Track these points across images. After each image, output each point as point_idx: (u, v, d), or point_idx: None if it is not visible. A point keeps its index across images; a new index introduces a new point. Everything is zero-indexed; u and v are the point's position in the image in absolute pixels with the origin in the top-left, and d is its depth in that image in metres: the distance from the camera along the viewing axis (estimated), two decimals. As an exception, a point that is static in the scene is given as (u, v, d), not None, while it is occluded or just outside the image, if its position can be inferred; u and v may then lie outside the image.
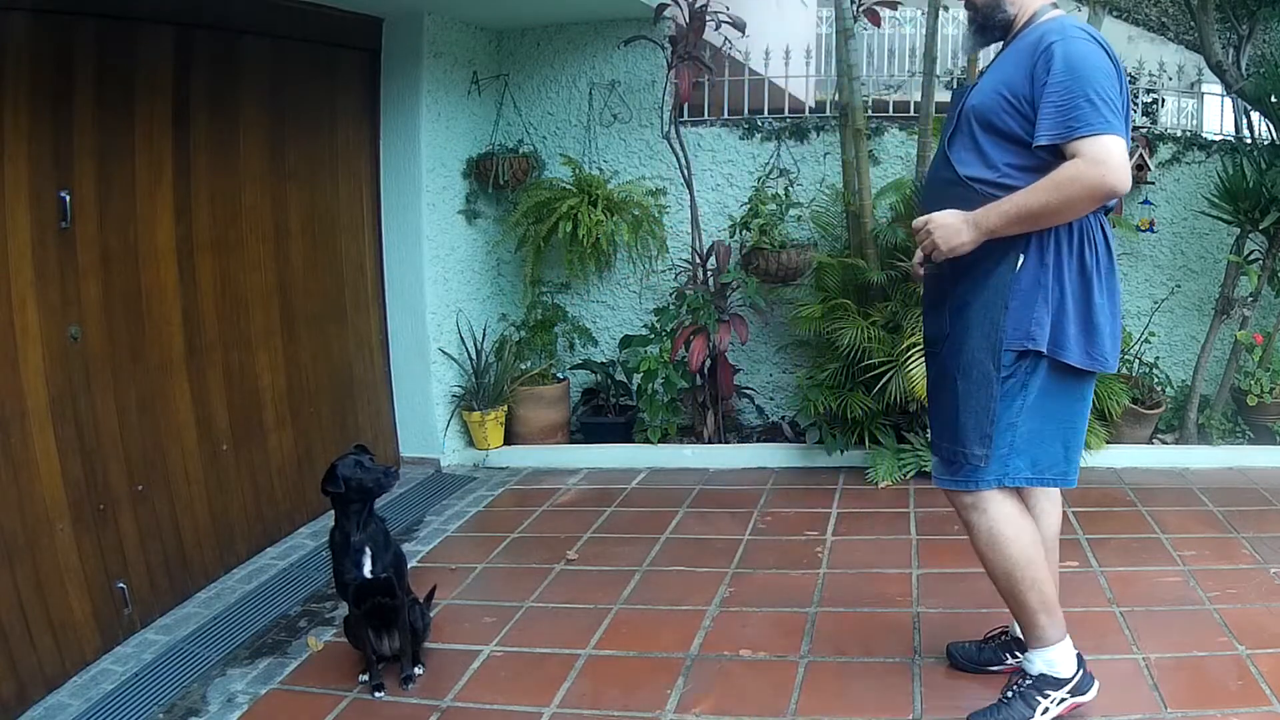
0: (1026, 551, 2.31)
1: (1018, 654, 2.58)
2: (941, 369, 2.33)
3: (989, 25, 2.31)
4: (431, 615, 3.00)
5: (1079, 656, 2.40)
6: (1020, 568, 2.30)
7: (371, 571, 2.65)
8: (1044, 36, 2.13)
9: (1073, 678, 2.38)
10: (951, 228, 2.19)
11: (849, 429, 4.41)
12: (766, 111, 5.17)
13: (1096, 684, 2.43)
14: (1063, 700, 2.37)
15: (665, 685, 2.66)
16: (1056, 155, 2.10)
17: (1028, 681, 2.39)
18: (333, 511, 2.74)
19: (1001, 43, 2.33)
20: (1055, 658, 2.37)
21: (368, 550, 2.66)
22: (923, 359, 3.94)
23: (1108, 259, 2.23)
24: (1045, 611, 2.34)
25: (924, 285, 2.43)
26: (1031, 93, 2.11)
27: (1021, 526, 2.32)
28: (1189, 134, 5.02)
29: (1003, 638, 2.66)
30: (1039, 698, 2.36)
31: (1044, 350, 2.18)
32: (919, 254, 2.31)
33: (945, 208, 2.23)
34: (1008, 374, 2.21)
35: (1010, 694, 2.39)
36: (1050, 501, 2.48)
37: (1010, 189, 2.14)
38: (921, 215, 2.28)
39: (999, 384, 2.21)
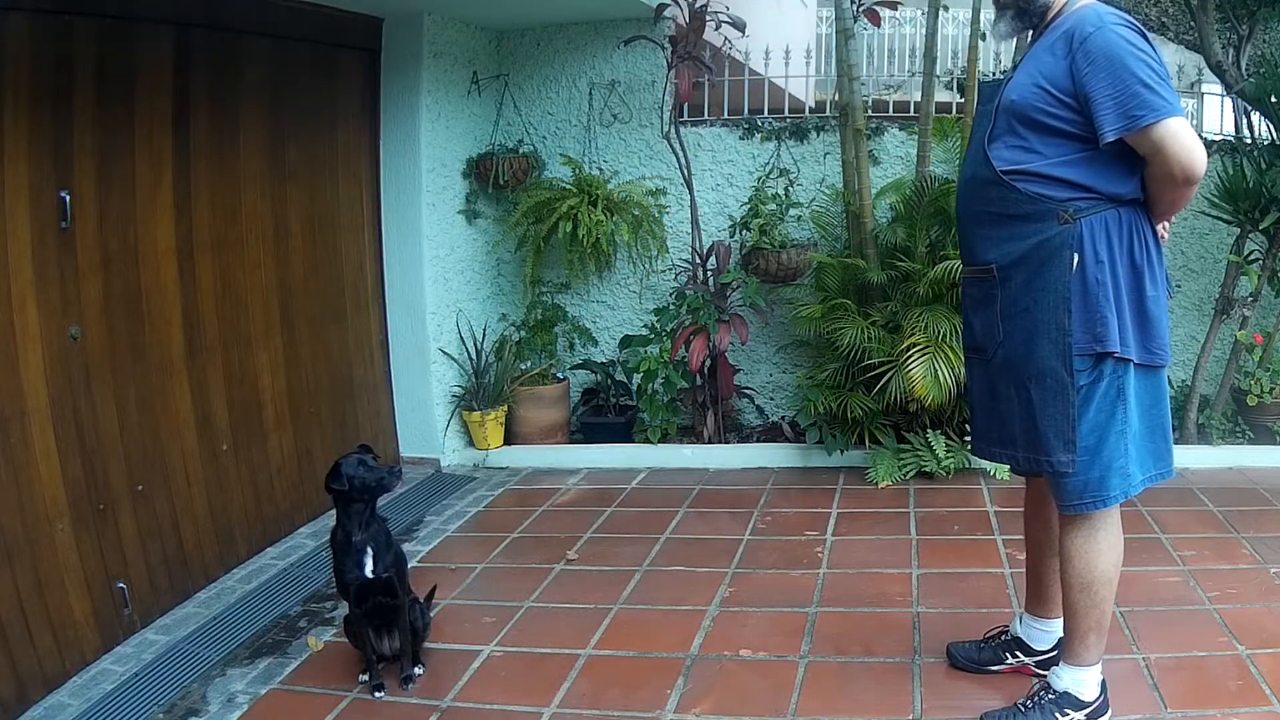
0: (1110, 571, 2.30)
1: (1018, 653, 2.58)
2: (1001, 376, 2.27)
3: (1027, 11, 2.23)
4: (431, 615, 3.00)
5: (1103, 683, 2.38)
6: (1100, 584, 2.28)
7: (373, 571, 2.65)
8: (1080, 25, 2.08)
9: (1093, 703, 2.35)
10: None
11: (849, 429, 4.42)
12: (766, 111, 5.17)
13: (1111, 712, 2.40)
14: None
15: (665, 685, 2.66)
16: (1122, 144, 2.07)
17: (1050, 695, 2.35)
18: (334, 511, 2.74)
19: (1031, 32, 2.28)
20: (1085, 679, 2.34)
21: (369, 550, 2.67)
22: (923, 359, 4.00)
23: (1156, 249, 2.20)
24: (1097, 633, 2.31)
25: (964, 286, 2.38)
26: (1073, 86, 2.07)
27: (1116, 544, 2.31)
28: (1189, 134, 5.01)
29: (1003, 637, 2.65)
30: (1058, 715, 2.33)
31: (1116, 352, 2.13)
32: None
33: (983, 209, 2.21)
34: (1089, 380, 2.16)
35: (1030, 703, 2.36)
36: None
37: (1057, 180, 2.11)
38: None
39: (1074, 390, 2.16)
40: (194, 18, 3.38)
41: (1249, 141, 4.78)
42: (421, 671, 2.79)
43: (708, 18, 4.47)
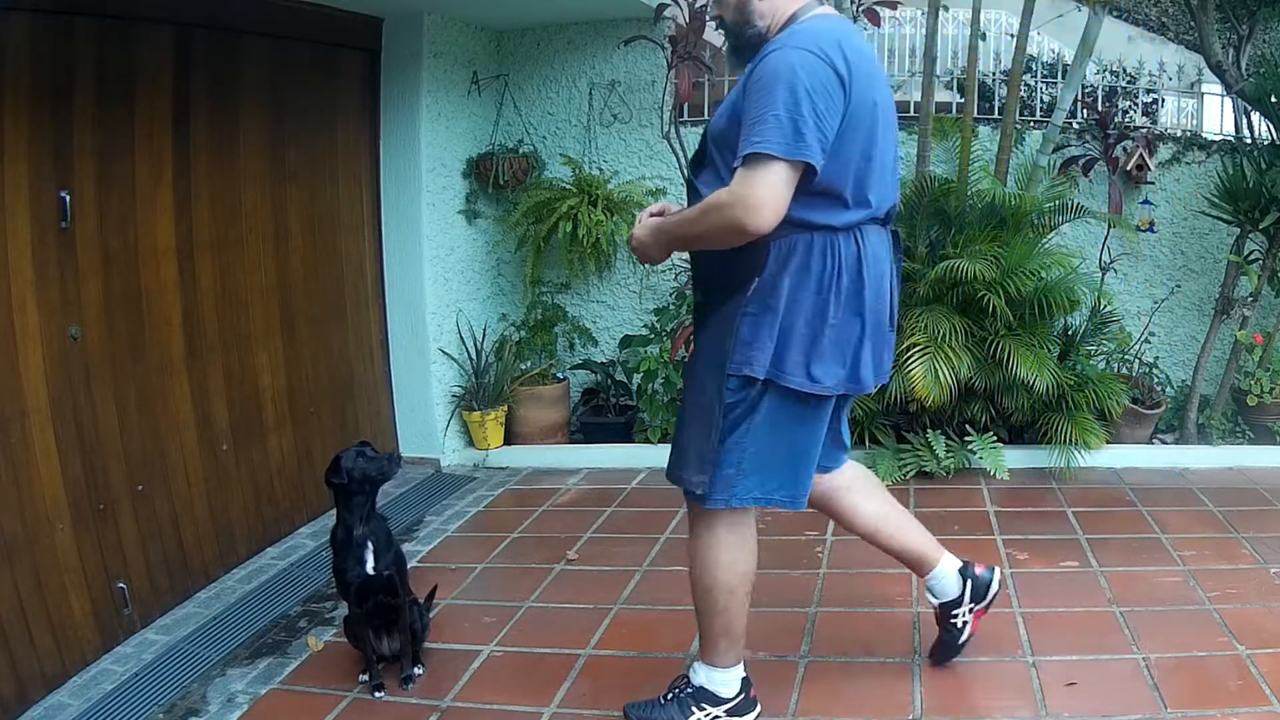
0: (732, 582, 2.30)
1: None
2: (683, 398, 2.30)
3: (742, 45, 2.16)
4: (431, 615, 3.01)
5: (746, 680, 2.43)
6: (720, 591, 2.30)
7: (374, 568, 2.65)
8: (768, 47, 2.02)
9: (733, 699, 2.40)
10: (642, 244, 2.23)
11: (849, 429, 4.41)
12: (766, 111, 5.16)
13: (759, 709, 2.45)
14: (716, 717, 2.40)
15: (665, 685, 2.65)
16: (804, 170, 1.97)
17: (689, 689, 2.41)
18: (334, 511, 2.74)
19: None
20: (721, 679, 2.39)
21: (370, 545, 2.66)
22: (923, 359, 4.00)
23: (854, 278, 2.11)
24: (727, 639, 2.35)
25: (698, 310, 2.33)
26: (745, 106, 1.99)
27: (738, 557, 2.31)
28: (1189, 134, 5.02)
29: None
30: (694, 708, 2.39)
31: (761, 377, 2.10)
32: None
33: None
34: (735, 399, 2.14)
35: (670, 696, 2.42)
36: (863, 495, 2.55)
37: None
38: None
39: (721, 407, 2.13)
40: (194, 18, 3.38)
41: (1249, 141, 4.78)
42: (421, 671, 2.79)
43: (708, 18, 4.47)
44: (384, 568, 2.67)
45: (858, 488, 2.57)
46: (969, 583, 2.56)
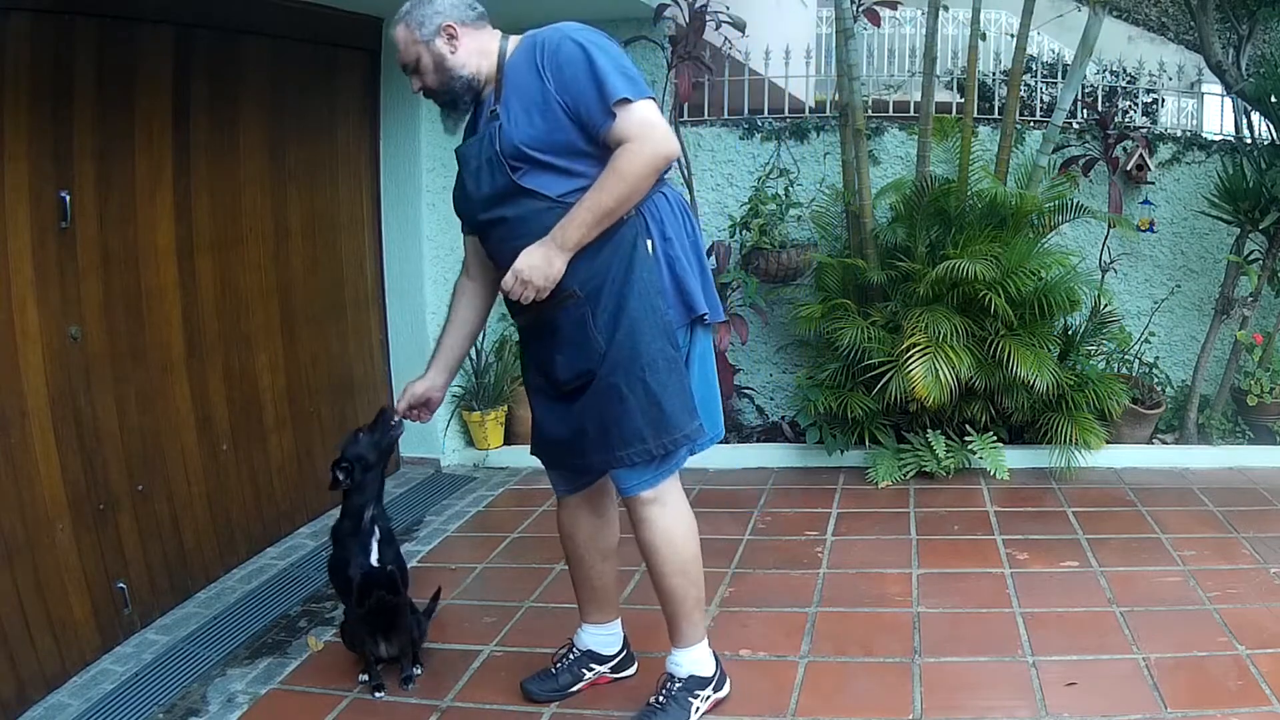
0: (694, 546, 2.37)
1: (592, 666, 2.63)
2: (611, 386, 2.20)
3: (455, 98, 2.29)
4: (435, 616, 3.01)
5: (714, 652, 2.50)
6: (691, 563, 2.36)
7: (379, 560, 2.64)
8: (534, 48, 2.21)
9: (715, 675, 2.48)
10: (541, 263, 2.12)
11: (849, 429, 4.41)
12: (766, 111, 5.17)
13: (729, 679, 2.52)
14: (708, 698, 2.44)
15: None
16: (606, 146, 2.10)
17: (679, 684, 2.43)
18: (334, 511, 2.73)
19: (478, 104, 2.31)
20: (700, 657, 2.44)
21: (377, 533, 2.65)
22: (923, 359, 4.00)
23: (683, 208, 2.32)
24: (699, 608, 2.41)
25: (545, 329, 2.27)
26: (560, 94, 2.13)
27: (691, 518, 2.38)
28: (1189, 134, 5.03)
29: (571, 655, 2.64)
30: (690, 699, 2.42)
31: (703, 311, 2.26)
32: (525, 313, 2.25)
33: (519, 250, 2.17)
34: (683, 347, 2.27)
35: (662, 698, 2.42)
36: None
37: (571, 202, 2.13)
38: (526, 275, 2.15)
39: (683, 361, 2.27)
40: (194, 18, 3.38)
41: (1249, 141, 4.78)
42: (420, 672, 2.79)
43: (708, 18, 4.47)
44: (387, 562, 2.66)
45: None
46: (626, 651, 2.69)
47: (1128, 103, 5.46)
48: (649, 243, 2.20)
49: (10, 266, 2.73)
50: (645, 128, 2.07)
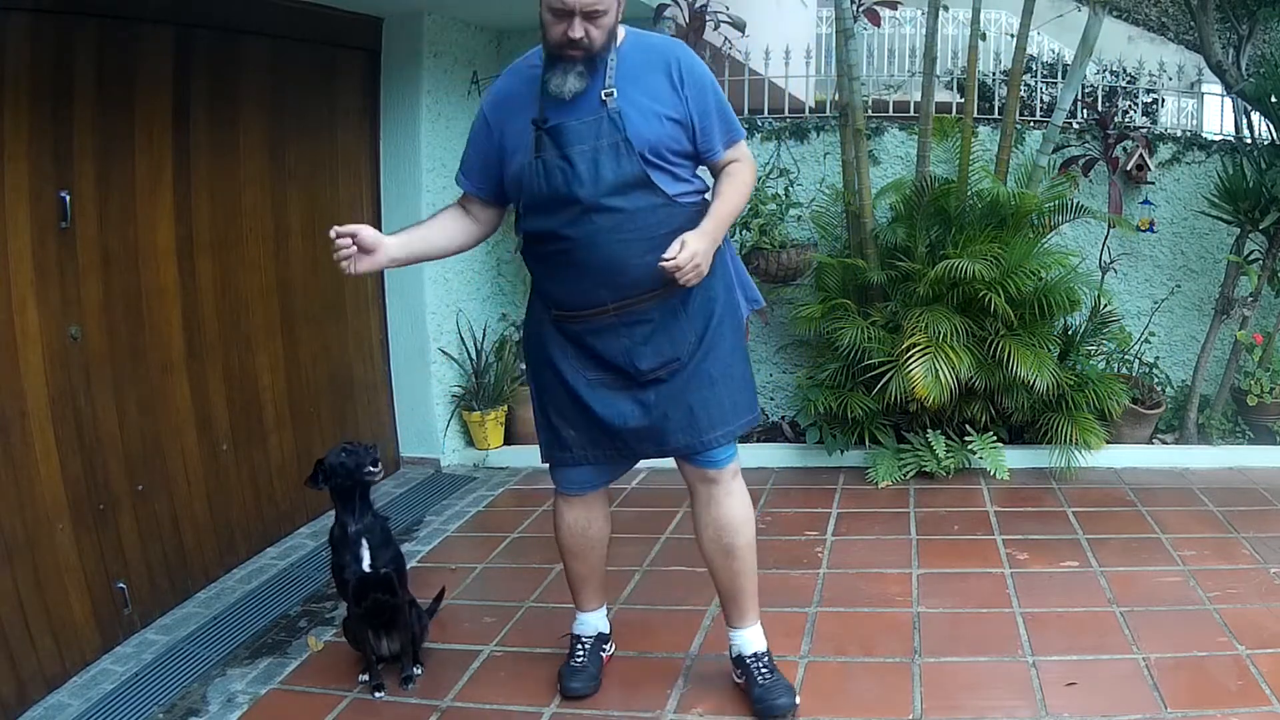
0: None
1: (604, 646, 2.74)
2: (702, 373, 2.35)
3: (596, 60, 2.24)
4: (436, 615, 3.01)
5: None
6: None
7: (371, 565, 2.65)
8: (663, 54, 2.38)
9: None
10: (710, 252, 2.24)
11: (849, 429, 4.41)
12: (766, 111, 5.17)
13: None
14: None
15: (665, 685, 2.66)
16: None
17: (766, 656, 2.54)
18: (333, 511, 2.74)
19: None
20: (761, 630, 2.58)
21: (365, 543, 2.66)
22: (923, 359, 3.99)
23: None
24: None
25: (633, 320, 2.30)
26: (692, 111, 2.35)
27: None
28: (1189, 134, 5.03)
29: (587, 643, 2.71)
30: (780, 672, 2.53)
31: (762, 304, 2.56)
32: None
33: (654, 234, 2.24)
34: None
35: (768, 674, 2.50)
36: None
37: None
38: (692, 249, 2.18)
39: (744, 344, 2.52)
40: (194, 18, 3.38)
41: (1249, 141, 4.78)
42: (420, 671, 2.79)
43: (708, 18, 4.47)
44: (381, 566, 2.66)
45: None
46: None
47: (1128, 103, 5.46)
48: (724, 239, 2.37)
49: (10, 266, 2.73)
50: (748, 154, 2.40)
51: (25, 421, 2.78)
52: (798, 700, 2.48)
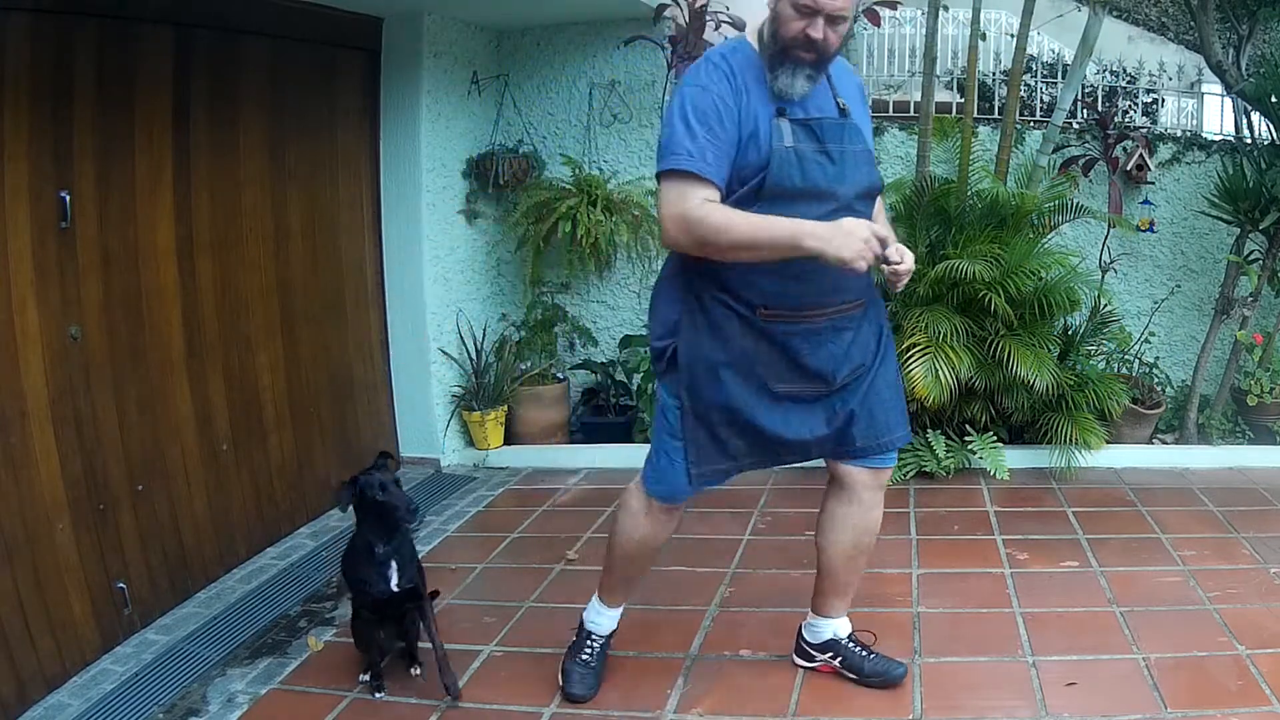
0: None
1: (609, 645, 2.71)
2: (887, 377, 2.43)
3: (829, 61, 2.21)
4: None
5: None
6: None
7: (398, 585, 2.62)
8: (856, 77, 2.44)
9: None
10: None
11: (849, 429, 4.40)
12: (766, 111, 5.16)
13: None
14: None
15: (665, 685, 2.66)
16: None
17: (850, 630, 2.66)
18: (333, 511, 2.73)
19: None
20: None
21: (394, 564, 2.61)
22: (923, 359, 3.99)
23: None
24: None
25: (842, 328, 2.33)
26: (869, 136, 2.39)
27: None
28: (1189, 134, 5.03)
29: (595, 645, 2.69)
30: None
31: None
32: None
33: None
34: None
35: (863, 650, 2.63)
36: None
37: None
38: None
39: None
40: (194, 18, 3.38)
41: (1249, 141, 4.78)
42: (419, 672, 2.79)
43: (708, 18, 4.47)
44: (407, 581, 2.63)
45: None
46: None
47: (1128, 103, 5.46)
48: None
49: (10, 266, 2.73)
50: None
51: (25, 421, 2.78)
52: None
